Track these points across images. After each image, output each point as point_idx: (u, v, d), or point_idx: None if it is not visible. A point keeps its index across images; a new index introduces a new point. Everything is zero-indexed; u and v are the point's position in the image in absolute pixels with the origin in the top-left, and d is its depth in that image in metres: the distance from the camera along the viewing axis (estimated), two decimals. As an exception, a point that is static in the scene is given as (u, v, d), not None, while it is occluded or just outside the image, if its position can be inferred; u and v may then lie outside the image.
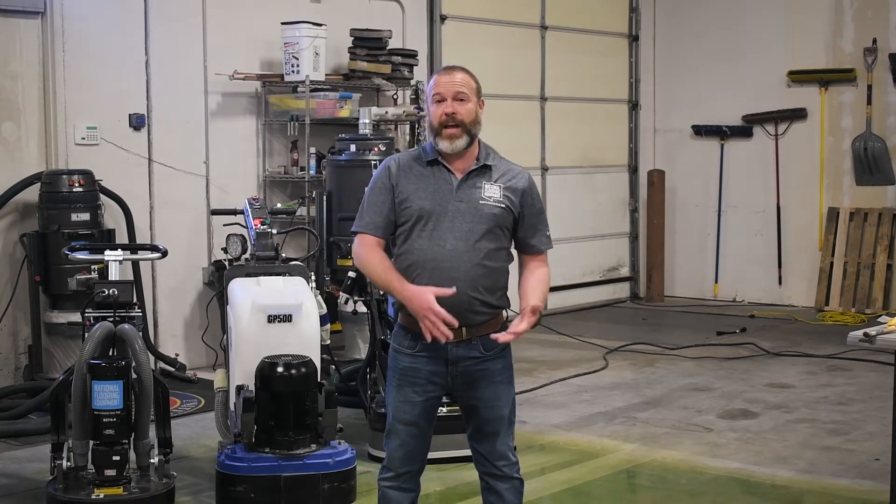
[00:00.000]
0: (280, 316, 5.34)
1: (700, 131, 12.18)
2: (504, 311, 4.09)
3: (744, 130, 11.90)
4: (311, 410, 5.15)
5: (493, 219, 3.98)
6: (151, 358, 7.52)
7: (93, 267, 5.89)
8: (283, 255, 6.14)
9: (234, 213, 6.88)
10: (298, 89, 8.92)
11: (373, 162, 7.76)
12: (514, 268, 4.14)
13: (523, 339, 10.27)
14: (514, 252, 4.14)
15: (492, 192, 4.01)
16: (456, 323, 3.84)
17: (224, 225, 7.13)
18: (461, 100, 4.00)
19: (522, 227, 4.08)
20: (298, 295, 5.49)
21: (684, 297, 12.26)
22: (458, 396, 4.12)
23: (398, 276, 3.94)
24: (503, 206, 4.01)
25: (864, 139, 11.10)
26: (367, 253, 4.00)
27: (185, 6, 8.67)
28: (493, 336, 3.92)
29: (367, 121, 8.31)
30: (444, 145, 3.99)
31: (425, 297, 3.81)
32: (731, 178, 12.05)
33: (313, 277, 5.93)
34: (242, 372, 5.30)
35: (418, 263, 3.95)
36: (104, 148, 8.19)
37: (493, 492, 4.10)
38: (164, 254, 5.85)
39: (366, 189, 4.10)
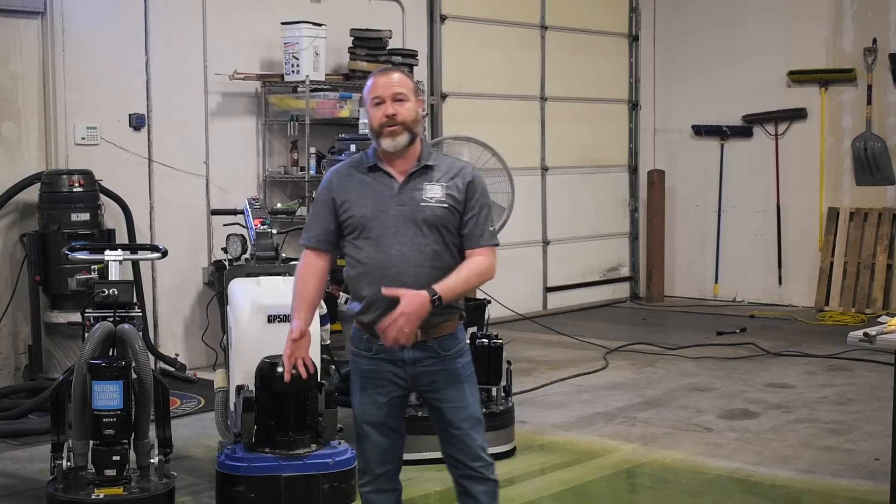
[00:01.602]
0: (280, 316, 5.33)
1: (700, 131, 12.19)
2: (460, 312, 4.06)
3: (744, 130, 11.90)
4: (311, 410, 5.15)
5: (436, 219, 3.93)
6: (151, 358, 7.52)
7: (93, 267, 5.89)
8: (283, 255, 6.14)
9: (234, 213, 6.88)
10: (298, 89, 8.92)
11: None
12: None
13: (523, 339, 10.18)
14: None
15: (433, 192, 3.95)
16: (303, 374, 4.05)
17: (224, 225, 7.13)
18: (400, 100, 3.96)
19: (464, 222, 3.98)
20: (298, 295, 5.48)
21: (684, 297, 12.26)
22: (424, 400, 4.09)
23: (297, 307, 4.08)
24: (446, 205, 3.95)
25: (864, 139, 11.10)
26: (299, 273, 4.12)
27: (185, 6, 8.68)
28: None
29: (367, 121, 8.29)
30: (386, 143, 3.96)
31: (288, 342, 4.04)
32: (731, 178, 12.05)
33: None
34: (242, 372, 5.30)
35: (366, 272, 3.95)
36: (104, 148, 8.20)
37: (469, 495, 4.06)
38: (164, 254, 5.85)
39: None
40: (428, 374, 3.99)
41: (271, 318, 5.33)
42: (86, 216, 7.63)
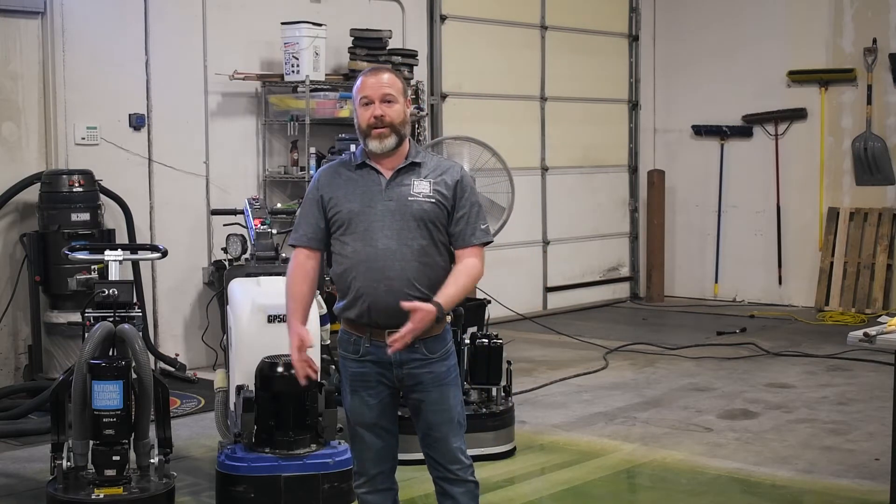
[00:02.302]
0: (280, 316, 5.32)
1: (700, 131, 12.18)
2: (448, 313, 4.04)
3: (744, 130, 11.90)
4: (311, 410, 5.15)
5: (424, 214, 3.94)
6: (151, 358, 7.51)
7: (93, 267, 5.89)
8: (283, 255, 6.14)
9: (234, 213, 6.87)
10: (298, 89, 8.91)
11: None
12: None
13: (523, 339, 10.14)
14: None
15: (421, 188, 3.96)
16: (314, 375, 4.07)
17: (224, 225, 7.13)
18: (388, 101, 3.96)
19: (453, 220, 3.99)
20: (298, 295, 5.47)
21: (684, 297, 12.26)
22: (406, 399, 4.08)
23: (294, 310, 4.06)
24: (433, 200, 3.95)
25: (864, 139, 11.10)
26: (290, 272, 4.13)
27: (185, 6, 8.68)
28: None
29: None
30: (373, 145, 3.97)
31: (294, 342, 3.99)
32: (731, 178, 12.05)
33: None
34: (242, 372, 5.30)
35: (353, 266, 3.96)
36: (104, 148, 8.20)
37: (448, 496, 4.05)
38: (164, 254, 5.85)
39: None
40: (414, 376, 3.99)
41: (271, 318, 5.33)
42: (86, 216, 7.63)
